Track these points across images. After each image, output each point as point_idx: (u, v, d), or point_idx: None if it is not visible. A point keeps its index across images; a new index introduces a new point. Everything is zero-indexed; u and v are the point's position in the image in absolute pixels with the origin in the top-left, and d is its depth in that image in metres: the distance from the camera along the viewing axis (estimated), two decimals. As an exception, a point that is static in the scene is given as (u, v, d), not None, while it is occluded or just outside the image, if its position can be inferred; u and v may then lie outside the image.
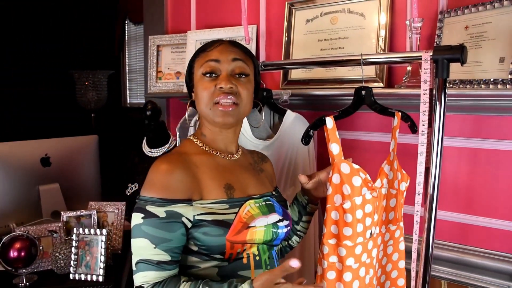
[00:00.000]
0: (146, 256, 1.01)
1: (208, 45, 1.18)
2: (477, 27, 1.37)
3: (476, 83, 1.33)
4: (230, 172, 1.16)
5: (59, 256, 1.69)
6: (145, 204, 1.03)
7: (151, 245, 1.01)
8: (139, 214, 1.03)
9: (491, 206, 1.47)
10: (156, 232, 1.01)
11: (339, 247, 1.16)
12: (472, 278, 1.51)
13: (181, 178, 1.05)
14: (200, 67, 1.14)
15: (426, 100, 1.12)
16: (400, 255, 1.33)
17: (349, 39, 1.71)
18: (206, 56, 1.15)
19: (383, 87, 1.61)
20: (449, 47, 1.08)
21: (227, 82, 1.10)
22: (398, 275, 1.33)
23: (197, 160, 1.11)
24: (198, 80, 1.14)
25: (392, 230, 1.30)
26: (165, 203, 1.02)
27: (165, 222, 1.02)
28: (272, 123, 1.63)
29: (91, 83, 3.68)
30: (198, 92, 1.14)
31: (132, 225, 1.04)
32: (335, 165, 1.15)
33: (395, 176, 1.26)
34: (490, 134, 1.44)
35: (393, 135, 1.25)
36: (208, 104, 1.12)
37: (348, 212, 1.13)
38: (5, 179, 1.91)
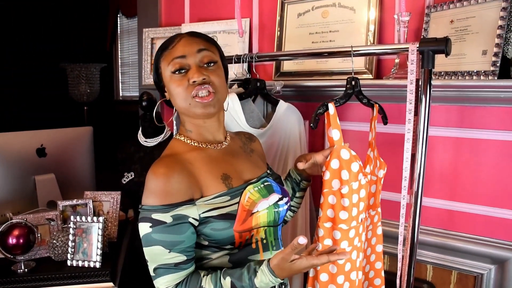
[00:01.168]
0: (163, 261, 1.03)
1: (169, 42, 1.15)
2: (462, 21, 1.42)
3: (461, 75, 1.39)
4: (224, 161, 1.16)
5: (57, 243, 1.71)
6: (150, 213, 1.02)
7: (165, 250, 1.02)
8: (146, 223, 1.03)
9: (474, 193, 1.53)
10: (167, 238, 1.02)
11: (334, 230, 1.20)
12: (456, 262, 1.57)
13: (180, 181, 1.05)
14: (168, 65, 1.12)
15: (412, 89, 1.17)
16: (378, 239, 1.38)
17: (340, 32, 1.75)
18: (170, 54, 1.12)
19: (372, 78, 1.66)
20: (434, 39, 1.13)
21: (198, 74, 1.09)
22: (376, 259, 1.39)
23: (190, 158, 1.11)
24: (169, 79, 1.12)
25: (372, 215, 1.36)
26: (170, 208, 1.02)
27: (173, 226, 1.02)
28: (265, 112, 1.67)
29: (83, 76, 3.67)
30: (172, 91, 1.12)
31: (142, 235, 1.04)
32: (335, 150, 1.19)
33: (375, 164, 1.32)
34: (473, 124, 1.49)
35: (371, 125, 1.31)
36: (186, 99, 1.10)
37: (345, 196, 1.17)
38: (1, 169, 1.93)
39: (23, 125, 2.18)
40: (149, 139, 1.90)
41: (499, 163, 1.46)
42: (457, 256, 1.56)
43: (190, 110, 1.11)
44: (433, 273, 1.64)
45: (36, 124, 2.24)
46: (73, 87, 3.71)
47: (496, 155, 1.47)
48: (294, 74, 1.87)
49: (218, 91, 1.11)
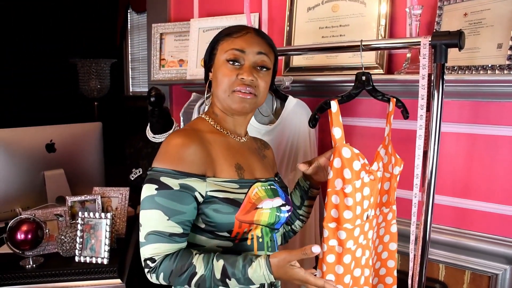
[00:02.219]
0: (158, 228, 1.01)
1: (235, 30, 1.16)
2: (476, 14, 1.38)
3: (475, 69, 1.35)
4: (240, 153, 1.17)
5: (65, 239, 1.71)
6: (159, 175, 1.02)
7: (164, 216, 1.01)
8: (153, 185, 1.02)
9: (488, 191, 1.49)
10: (170, 204, 1.01)
11: (339, 230, 1.17)
12: (470, 262, 1.54)
13: (196, 153, 1.05)
14: (225, 52, 1.13)
15: (424, 85, 1.14)
16: (392, 237, 1.35)
17: (350, 26, 1.72)
18: (232, 42, 1.14)
19: (383, 73, 1.62)
20: (447, 33, 1.10)
21: (249, 74, 1.11)
22: (388, 256, 1.37)
23: (210, 138, 1.12)
24: (221, 64, 1.14)
25: (385, 212, 1.33)
26: (180, 175, 1.02)
27: (179, 194, 1.01)
28: (274, 108, 1.65)
29: (93, 71, 3.68)
30: (218, 76, 1.14)
31: (144, 197, 1.03)
32: (336, 149, 1.16)
33: (389, 160, 1.29)
34: (488, 120, 1.45)
35: (387, 120, 1.28)
36: (227, 91, 1.12)
37: (349, 196, 1.14)
38: (11, 164, 1.94)
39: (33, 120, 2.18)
40: (157, 135, 1.89)
41: (514, 160, 1.43)
42: (471, 255, 1.53)
43: (226, 101, 1.13)
44: (445, 273, 1.61)
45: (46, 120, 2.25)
46: (84, 83, 3.72)
47: (511, 151, 1.43)
48: (304, 69, 1.84)
49: (259, 95, 1.15)
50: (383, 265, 1.37)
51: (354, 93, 1.29)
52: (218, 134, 1.16)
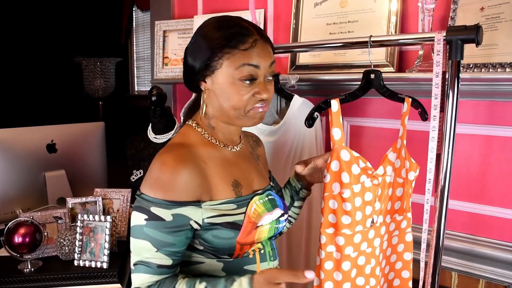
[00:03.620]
0: (146, 258, 0.96)
1: (241, 38, 0.99)
2: (494, 8, 1.32)
3: (492, 67, 1.29)
4: (236, 166, 1.09)
5: (64, 242, 1.69)
6: (149, 205, 0.94)
7: (152, 248, 0.95)
8: (142, 214, 0.95)
9: (505, 196, 1.43)
10: (159, 236, 0.94)
11: (337, 236, 1.12)
12: (484, 270, 1.48)
13: (190, 178, 0.96)
14: (236, 69, 0.98)
15: (438, 83, 1.08)
16: (407, 246, 1.28)
17: (359, 22, 1.66)
18: (243, 56, 0.98)
19: (393, 71, 1.57)
20: (463, 27, 1.04)
21: (267, 92, 1.01)
22: (402, 267, 1.30)
23: (203, 154, 1.02)
24: (231, 81, 0.99)
25: (398, 220, 1.26)
26: (173, 205, 0.94)
27: (171, 225, 0.95)
28: (279, 108, 1.61)
29: (98, 71, 3.66)
30: (228, 95, 1.00)
31: (133, 224, 0.97)
32: (335, 151, 1.11)
33: (403, 165, 1.21)
34: (505, 121, 1.40)
35: (402, 121, 1.21)
36: (242, 110, 1.01)
37: (347, 201, 1.09)
38: (11, 165, 1.91)
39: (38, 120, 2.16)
40: (159, 135, 1.85)
41: (533, 163, 1.36)
42: (485, 263, 1.47)
43: (239, 119, 1.03)
44: (458, 281, 1.55)
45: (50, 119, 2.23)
46: (88, 82, 3.70)
47: (529, 154, 1.37)
48: (311, 67, 1.78)
49: (269, 103, 1.07)
50: (397, 275, 1.30)
51: (360, 92, 1.22)
52: (212, 147, 1.06)
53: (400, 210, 1.24)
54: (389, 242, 1.26)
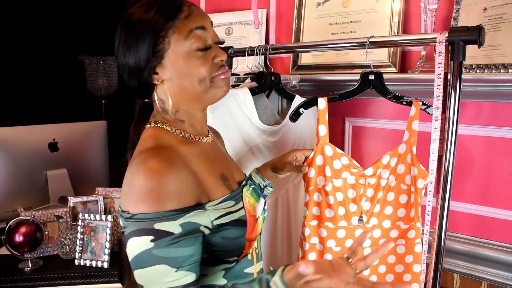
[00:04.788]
0: (168, 284, 0.81)
1: (176, 9, 0.91)
2: (497, 8, 1.31)
3: (494, 68, 1.29)
4: (217, 159, 1.01)
5: (65, 241, 1.69)
6: (150, 223, 0.79)
7: (171, 269, 0.81)
8: (145, 237, 0.79)
9: (508, 197, 1.43)
10: (174, 252, 0.81)
11: (320, 228, 1.19)
12: (487, 272, 1.48)
13: (185, 180, 0.85)
14: (186, 39, 0.90)
15: (440, 84, 1.07)
16: (416, 258, 1.25)
17: (361, 23, 1.65)
18: (188, 23, 0.90)
19: (396, 72, 1.56)
20: (465, 28, 1.03)
21: (223, 53, 0.94)
22: (412, 279, 1.27)
23: (185, 152, 0.91)
24: (186, 56, 0.90)
25: (403, 229, 1.23)
26: (178, 214, 0.81)
27: (183, 237, 0.82)
28: (280, 108, 1.60)
29: (101, 69, 3.66)
30: (189, 71, 0.91)
31: (137, 253, 0.81)
32: (319, 146, 1.18)
33: (408, 171, 1.20)
34: (508, 122, 1.39)
35: (408, 126, 1.19)
36: (206, 81, 0.92)
37: (329, 194, 1.16)
38: (13, 163, 1.91)
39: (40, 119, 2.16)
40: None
41: (536, 165, 1.35)
42: (488, 266, 1.46)
43: (208, 92, 0.94)
44: (460, 283, 1.54)
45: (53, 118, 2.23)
46: (91, 81, 3.70)
47: (532, 156, 1.36)
48: (313, 67, 1.78)
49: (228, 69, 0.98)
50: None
51: (353, 92, 1.24)
52: (188, 143, 0.95)
53: (405, 219, 1.22)
54: (393, 250, 1.24)
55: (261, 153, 1.49)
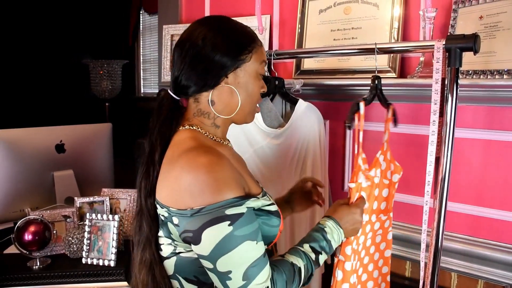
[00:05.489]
0: (254, 258, 0.88)
1: (255, 36, 1.04)
2: (492, 17, 1.35)
3: (490, 74, 1.32)
4: (242, 161, 1.10)
5: (72, 240, 1.71)
6: (222, 211, 0.86)
7: (253, 243, 0.88)
8: (223, 223, 0.85)
9: (503, 198, 1.46)
10: (250, 228, 0.89)
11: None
12: (483, 271, 1.50)
13: (236, 172, 0.93)
14: (260, 63, 1.02)
15: (438, 89, 1.11)
16: (388, 244, 1.35)
17: (362, 29, 1.70)
18: (262, 53, 1.04)
19: (395, 77, 1.60)
20: (461, 36, 1.07)
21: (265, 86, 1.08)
22: (383, 263, 1.36)
23: (223, 152, 0.97)
24: (255, 76, 1.02)
25: (383, 220, 1.31)
26: (242, 200, 0.89)
27: (250, 214, 0.91)
28: (284, 112, 1.63)
29: (105, 72, 3.70)
30: (250, 90, 1.02)
31: (219, 241, 0.86)
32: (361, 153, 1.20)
33: (388, 167, 1.27)
34: (503, 126, 1.42)
35: (386, 126, 1.27)
36: (254, 107, 1.05)
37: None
38: (21, 164, 1.94)
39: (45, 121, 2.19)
40: (166, 137, 1.88)
41: (530, 167, 1.39)
42: (484, 264, 1.49)
43: (247, 115, 1.05)
44: (457, 282, 1.58)
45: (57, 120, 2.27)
46: (95, 84, 3.74)
47: (527, 159, 1.39)
48: (315, 72, 1.82)
49: None
50: (379, 273, 1.36)
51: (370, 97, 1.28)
52: (222, 146, 1.03)
53: (385, 210, 1.30)
54: (373, 240, 1.31)
55: (265, 155, 1.53)
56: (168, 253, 0.96)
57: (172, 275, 0.98)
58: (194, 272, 0.95)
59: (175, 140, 0.99)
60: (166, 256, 0.97)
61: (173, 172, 0.90)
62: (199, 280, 0.95)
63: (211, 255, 0.87)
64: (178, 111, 1.04)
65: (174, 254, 0.95)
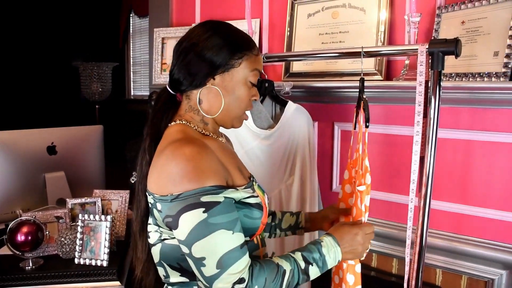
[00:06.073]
0: (227, 247, 0.90)
1: (253, 44, 1.06)
2: (473, 22, 1.40)
3: (472, 76, 1.37)
4: (232, 155, 1.12)
5: (65, 241, 1.72)
6: (197, 198, 0.89)
7: (228, 232, 0.90)
8: (197, 210, 0.88)
9: (485, 196, 1.50)
10: (227, 217, 0.91)
11: None
12: (466, 267, 1.55)
13: (218, 162, 0.96)
14: (250, 71, 1.04)
15: (421, 91, 1.15)
16: None
17: (350, 33, 1.74)
18: (256, 61, 1.06)
19: (382, 79, 1.64)
20: (444, 41, 1.11)
21: (258, 95, 1.10)
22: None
23: (209, 144, 1.00)
24: (242, 82, 1.04)
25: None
26: (218, 190, 0.91)
27: (228, 204, 0.93)
28: (274, 113, 1.66)
29: (95, 75, 3.70)
30: (238, 94, 1.04)
31: (193, 226, 0.89)
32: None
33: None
34: (485, 126, 1.47)
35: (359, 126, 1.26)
36: (241, 111, 1.07)
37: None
38: (12, 166, 1.94)
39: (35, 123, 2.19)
40: (158, 138, 1.90)
41: (510, 166, 1.44)
42: (467, 260, 1.54)
43: (233, 119, 1.07)
44: (442, 278, 1.62)
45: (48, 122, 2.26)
46: (85, 86, 3.73)
47: (508, 158, 1.44)
48: (304, 75, 1.86)
49: None
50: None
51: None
52: (210, 139, 1.05)
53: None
54: None
55: (256, 156, 1.56)
56: (154, 239, 1.00)
57: (158, 262, 1.01)
58: (177, 259, 0.98)
59: (166, 133, 1.03)
60: (153, 243, 1.01)
61: (159, 161, 0.94)
62: (181, 267, 0.99)
63: (187, 240, 0.90)
64: (172, 105, 1.09)
65: (160, 240, 0.99)
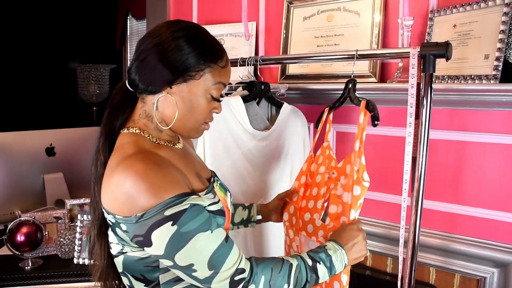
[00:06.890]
0: (212, 248, 0.88)
1: (220, 54, 1.00)
2: (465, 25, 1.43)
3: (463, 79, 1.40)
4: (189, 160, 1.08)
5: (64, 241, 1.75)
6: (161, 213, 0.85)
7: (205, 234, 0.88)
8: (165, 225, 0.85)
9: (476, 196, 1.53)
10: (198, 221, 0.88)
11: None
12: (459, 265, 1.57)
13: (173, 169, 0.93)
14: (212, 84, 0.98)
15: (413, 93, 1.18)
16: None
17: (345, 36, 1.77)
18: (220, 74, 0.99)
19: (376, 82, 1.67)
20: (435, 44, 1.14)
21: (221, 108, 1.05)
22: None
23: (164, 155, 0.96)
24: (201, 94, 0.98)
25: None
26: (181, 199, 0.87)
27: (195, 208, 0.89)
28: (270, 115, 1.68)
29: (93, 77, 3.72)
30: (196, 105, 0.98)
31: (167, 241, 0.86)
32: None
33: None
34: (476, 128, 1.49)
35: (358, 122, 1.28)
36: (199, 122, 1.02)
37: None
38: (11, 167, 1.97)
39: (33, 124, 2.21)
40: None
41: (501, 166, 1.47)
42: (460, 259, 1.56)
43: (190, 131, 1.02)
44: (436, 276, 1.64)
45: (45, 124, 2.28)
46: (83, 88, 3.76)
47: (498, 158, 1.47)
48: (300, 77, 1.89)
49: None
50: None
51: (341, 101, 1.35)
52: (165, 148, 1.00)
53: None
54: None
55: (252, 156, 1.58)
56: (116, 251, 0.97)
57: (122, 272, 0.99)
58: (140, 270, 0.96)
59: (118, 144, 0.98)
60: (115, 254, 0.98)
61: (113, 180, 0.89)
62: (145, 278, 0.96)
63: (166, 254, 0.87)
64: (129, 103, 1.02)
65: (121, 253, 0.96)
